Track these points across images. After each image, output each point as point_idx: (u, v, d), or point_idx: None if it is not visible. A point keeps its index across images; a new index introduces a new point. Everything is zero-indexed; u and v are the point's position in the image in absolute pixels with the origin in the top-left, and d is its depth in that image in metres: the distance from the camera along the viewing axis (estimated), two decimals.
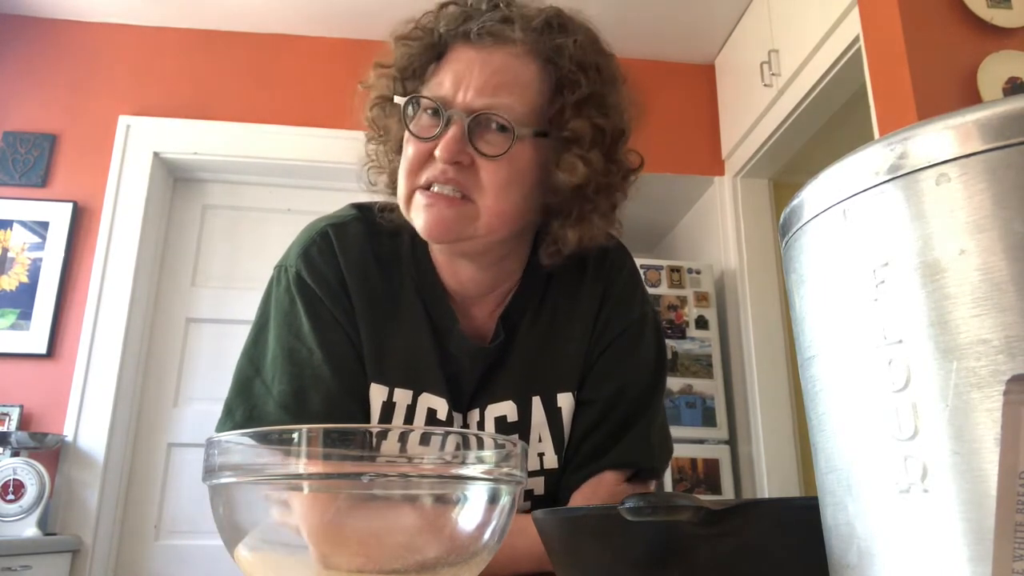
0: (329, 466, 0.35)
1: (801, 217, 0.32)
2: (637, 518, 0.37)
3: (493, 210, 0.74)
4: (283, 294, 0.80)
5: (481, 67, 0.75)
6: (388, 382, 0.80)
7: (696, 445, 2.68)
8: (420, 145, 0.75)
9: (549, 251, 0.82)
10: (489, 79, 0.74)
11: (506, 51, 0.75)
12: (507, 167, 0.74)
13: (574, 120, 0.76)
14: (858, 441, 0.28)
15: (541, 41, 0.76)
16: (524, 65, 0.76)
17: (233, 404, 0.77)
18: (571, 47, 0.77)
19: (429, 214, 0.74)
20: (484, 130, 0.73)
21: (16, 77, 2.84)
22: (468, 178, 0.73)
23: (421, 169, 0.75)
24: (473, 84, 0.74)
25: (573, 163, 0.76)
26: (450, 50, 0.77)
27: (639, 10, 2.81)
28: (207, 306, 2.82)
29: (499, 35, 0.75)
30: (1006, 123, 0.25)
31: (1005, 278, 0.24)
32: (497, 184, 0.74)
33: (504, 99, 0.74)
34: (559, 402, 0.83)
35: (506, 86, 0.74)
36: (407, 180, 0.76)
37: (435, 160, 0.73)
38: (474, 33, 0.75)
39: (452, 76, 0.75)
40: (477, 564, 0.38)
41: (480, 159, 0.73)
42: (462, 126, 0.73)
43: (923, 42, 1.72)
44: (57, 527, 2.41)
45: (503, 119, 0.73)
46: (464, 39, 0.76)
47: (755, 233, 2.93)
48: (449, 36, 0.77)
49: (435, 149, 0.73)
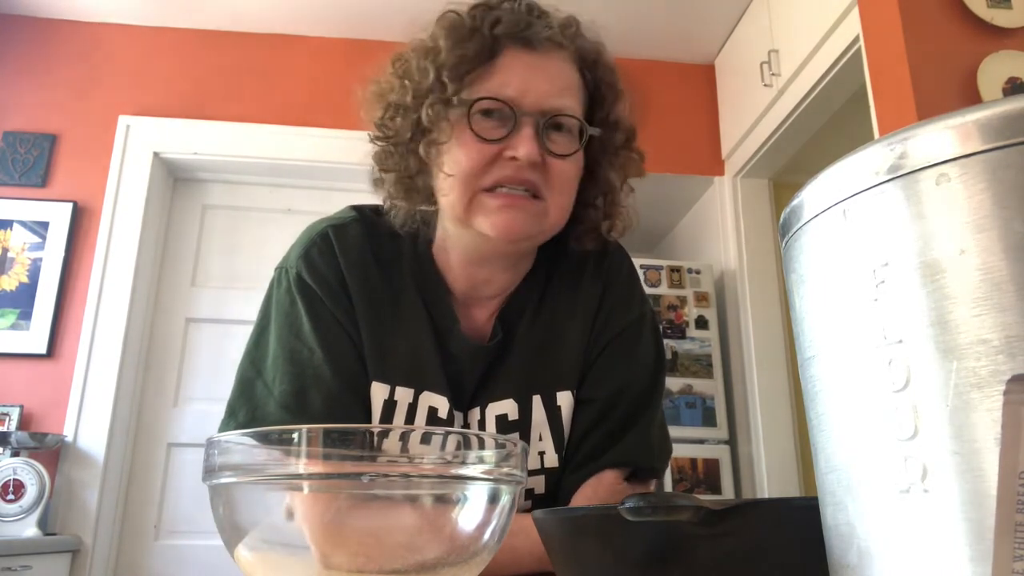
0: (329, 466, 0.35)
1: (801, 217, 0.32)
2: (637, 518, 0.37)
3: (560, 205, 0.78)
4: (284, 295, 0.81)
5: (544, 71, 0.77)
6: (390, 381, 0.80)
7: (696, 445, 2.68)
8: (485, 147, 0.74)
9: (589, 237, 0.86)
10: (554, 82, 0.77)
11: (560, 57, 0.79)
12: (574, 166, 0.79)
13: (624, 121, 0.83)
14: (858, 441, 0.28)
15: (582, 49, 0.81)
16: (573, 70, 0.80)
17: (235, 405, 0.78)
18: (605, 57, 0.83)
19: (506, 215, 0.75)
20: (551, 131, 0.76)
21: (16, 77, 2.84)
22: (540, 177, 0.76)
23: (486, 171, 0.75)
24: (541, 87, 0.76)
25: (633, 160, 0.85)
26: (504, 53, 0.77)
27: (639, 10, 2.81)
28: (207, 306, 2.82)
29: (555, 41, 0.78)
30: (1006, 123, 0.25)
31: (1005, 278, 0.24)
32: (565, 182, 0.78)
33: (568, 101, 0.78)
34: (559, 400, 0.84)
35: (568, 89, 0.78)
36: (468, 183, 0.75)
37: (503, 161, 0.74)
38: (536, 39, 0.77)
39: (518, 79, 0.76)
40: (477, 564, 0.38)
41: (551, 159, 0.76)
42: (535, 125, 0.75)
43: (923, 42, 1.72)
44: (57, 527, 2.41)
45: (577, 118, 0.77)
46: (523, 44, 0.77)
47: (755, 233, 2.93)
48: (506, 39, 0.77)
49: (503, 151, 0.74)
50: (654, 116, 3.06)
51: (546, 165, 0.76)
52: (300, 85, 2.93)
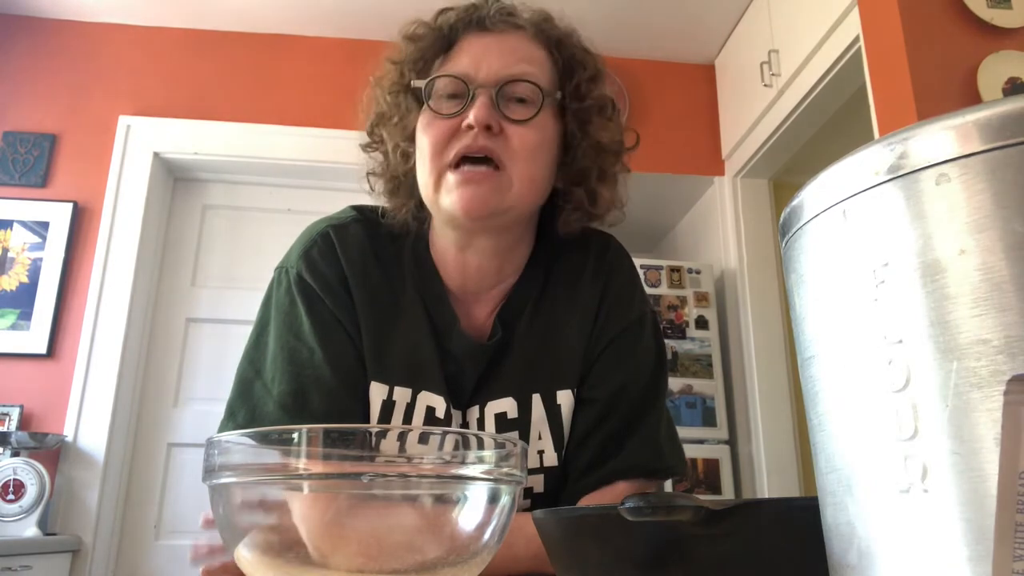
0: (329, 466, 0.35)
1: (801, 217, 0.32)
2: (637, 518, 0.37)
3: (524, 175, 0.77)
4: (283, 295, 0.81)
5: (499, 46, 0.79)
6: (388, 380, 0.80)
7: (696, 445, 2.68)
8: (444, 123, 0.76)
9: (574, 216, 0.85)
10: (509, 54, 0.79)
11: (517, 34, 0.81)
12: (536, 132, 0.77)
13: (595, 91, 0.83)
14: (858, 441, 0.28)
15: (544, 29, 0.82)
16: (535, 47, 0.81)
17: (235, 406, 0.78)
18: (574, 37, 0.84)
19: (465, 191, 0.75)
20: (510, 101, 0.77)
21: (16, 77, 2.84)
22: (499, 144, 0.76)
23: (447, 147, 0.76)
24: (494, 59, 0.78)
25: (604, 124, 0.83)
26: (461, 40, 0.80)
27: (639, 10, 2.81)
28: (207, 306, 2.82)
29: (510, 21, 0.80)
30: (1006, 123, 0.25)
31: (1005, 278, 0.24)
32: (528, 148, 0.77)
33: (527, 67, 0.78)
34: (559, 399, 0.83)
35: (525, 60, 0.79)
36: (434, 161, 0.77)
37: (462, 132, 0.75)
38: (488, 20, 0.79)
39: (469, 57, 0.79)
40: (477, 564, 0.38)
41: (510, 126, 0.76)
42: (489, 94, 0.76)
43: (923, 42, 1.72)
44: (57, 527, 2.41)
45: (532, 82, 0.77)
46: (477, 27, 0.80)
47: (755, 233, 2.93)
48: (460, 26, 0.80)
49: (462, 123, 0.75)
50: (654, 116, 3.06)
51: (505, 133, 0.76)
52: (300, 85, 2.93)
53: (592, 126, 0.82)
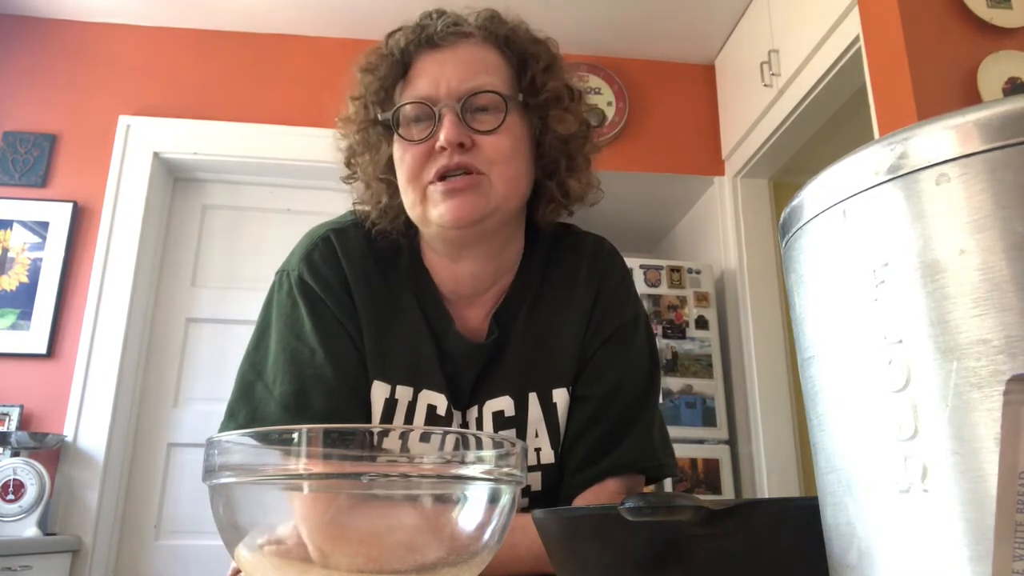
0: (329, 466, 0.35)
1: (801, 217, 0.32)
2: (637, 518, 0.37)
3: (504, 176, 0.79)
4: (285, 298, 0.82)
5: (454, 61, 0.80)
6: (390, 380, 0.81)
7: (696, 445, 2.68)
8: (417, 149, 0.78)
9: (550, 208, 0.87)
10: (465, 66, 0.80)
11: (468, 43, 0.82)
12: (506, 137, 0.79)
13: (550, 83, 0.84)
14: (858, 441, 0.28)
15: (491, 30, 0.83)
16: (487, 51, 0.82)
17: (236, 407, 0.78)
18: (521, 30, 0.86)
19: (450, 200, 0.77)
20: (474, 112, 0.78)
21: (16, 77, 2.84)
22: (474, 156, 0.77)
23: (424, 169, 0.78)
24: (451, 75, 0.79)
25: (561, 116, 0.84)
26: (415, 61, 0.82)
27: (639, 10, 2.81)
28: (207, 306, 2.81)
29: (457, 32, 0.81)
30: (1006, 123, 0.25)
31: (1005, 278, 0.24)
32: (502, 154, 0.78)
33: (485, 79, 0.79)
34: (554, 398, 0.84)
35: (482, 70, 0.80)
36: (414, 183, 0.79)
37: (436, 154, 0.77)
38: (437, 36, 0.81)
39: (427, 78, 0.80)
40: (477, 564, 0.38)
41: (480, 137, 0.78)
42: (455, 111, 0.77)
43: (923, 42, 1.72)
44: (57, 527, 2.41)
45: (493, 90, 0.79)
46: (427, 46, 0.81)
47: (755, 233, 2.93)
48: (411, 49, 0.81)
49: (434, 145, 0.77)
50: (654, 116, 3.06)
51: (478, 145, 0.77)
52: (300, 85, 2.92)
53: (551, 119, 0.84)
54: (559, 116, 0.84)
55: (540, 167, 0.86)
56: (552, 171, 0.86)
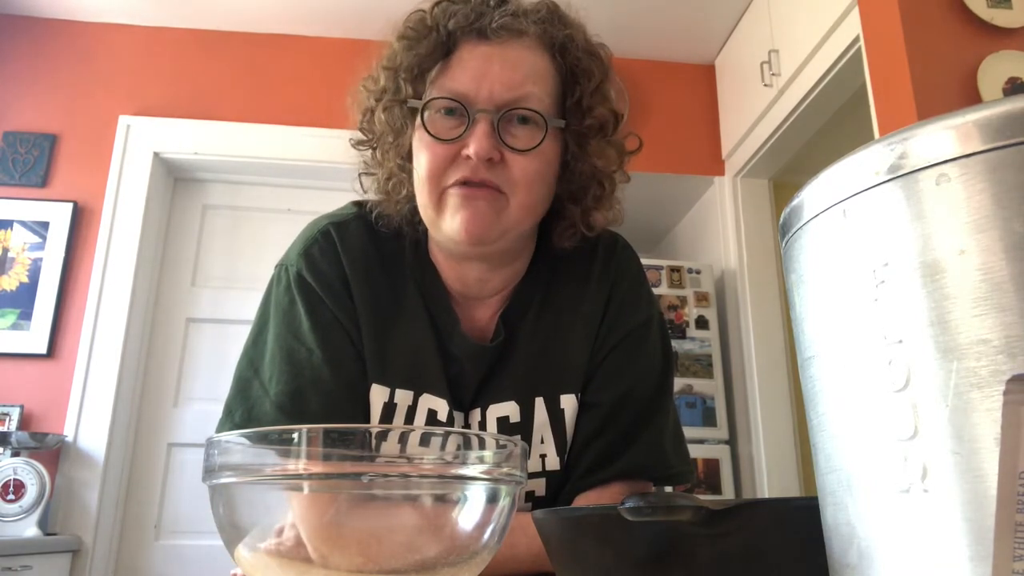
0: (329, 466, 0.35)
1: (801, 217, 0.32)
2: (637, 518, 0.37)
3: (523, 204, 0.74)
4: (283, 294, 0.80)
5: (501, 61, 0.73)
6: (389, 383, 0.79)
7: (696, 445, 2.67)
8: (442, 148, 0.73)
9: (568, 233, 0.82)
10: (513, 72, 0.73)
11: (521, 44, 0.75)
12: (538, 160, 0.73)
13: (598, 108, 0.77)
14: (858, 441, 0.28)
15: (548, 32, 0.76)
16: (539, 57, 0.76)
17: (232, 405, 0.77)
18: (579, 37, 0.78)
19: (466, 212, 0.72)
20: (511, 124, 0.73)
21: (16, 77, 2.84)
22: (500, 175, 0.72)
23: (445, 173, 0.73)
24: (497, 78, 0.72)
25: (603, 149, 0.78)
26: (460, 47, 0.75)
27: (639, 10, 2.81)
28: (207, 306, 2.81)
29: (512, 28, 0.74)
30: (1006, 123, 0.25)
31: (1005, 278, 0.24)
32: (529, 179, 0.73)
33: (530, 90, 0.73)
34: (562, 403, 0.82)
35: (530, 78, 0.74)
36: (432, 182, 0.74)
37: (461, 160, 0.72)
38: (490, 28, 0.73)
39: (469, 73, 0.73)
40: (477, 564, 0.38)
41: (511, 154, 0.72)
42: (491, 121, 0.71)
43: (923, 42, 1.72)
44: (57, 527, 2.41)
45: (535, 111, 0.73)
46: (478, 35, 0.74)
47: (755, 233, 2.93)
48: (460, 33, 0.75)
49: (461, 149, 0.72)
50: (654, 116, 3.06)
51: (506, 161, 0.72)
52: (300, 85, 2.92)
53: (591, 149, 0.78)
54: (599, 148, 0.78)
55: (566, 190, 0.80)
56: (579, 198, 0.80)
